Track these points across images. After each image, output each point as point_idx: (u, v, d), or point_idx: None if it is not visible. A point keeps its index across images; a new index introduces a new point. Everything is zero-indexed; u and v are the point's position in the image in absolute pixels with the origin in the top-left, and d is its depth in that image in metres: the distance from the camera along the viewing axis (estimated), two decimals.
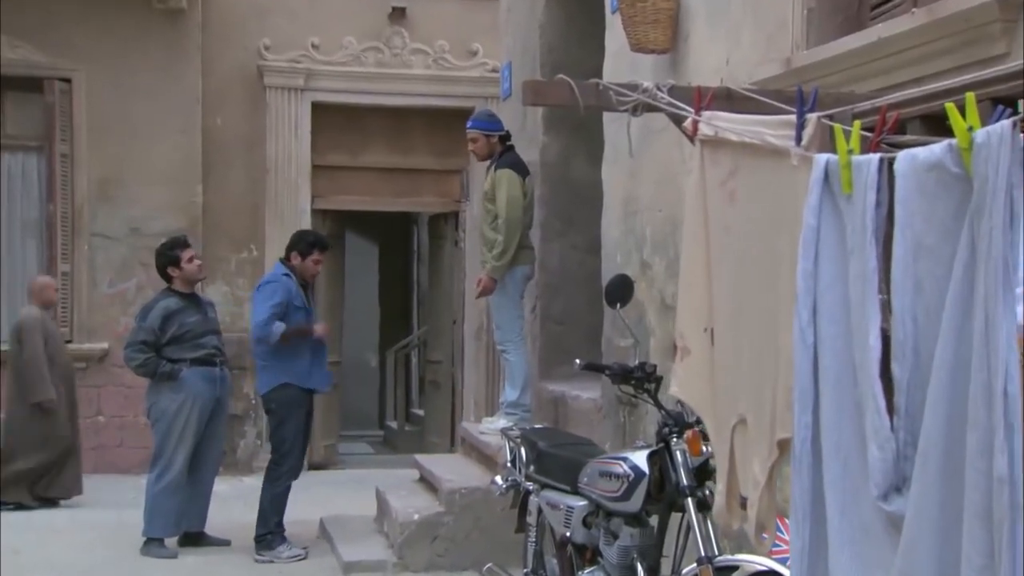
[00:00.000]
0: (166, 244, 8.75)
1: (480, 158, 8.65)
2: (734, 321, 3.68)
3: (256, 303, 8.31)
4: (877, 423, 2.76)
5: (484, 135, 8.45)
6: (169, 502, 8.36)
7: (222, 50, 12.93)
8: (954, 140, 2.56)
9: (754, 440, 3.57)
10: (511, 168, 8.28)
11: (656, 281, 6.70)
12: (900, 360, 2.70)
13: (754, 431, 3.57)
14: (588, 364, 5.47)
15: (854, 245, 2.91)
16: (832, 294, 2.99)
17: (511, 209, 8.17)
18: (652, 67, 6.55)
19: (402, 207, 14.72)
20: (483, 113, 9.02)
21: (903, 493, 2.71)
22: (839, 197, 2.99)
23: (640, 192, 7.00)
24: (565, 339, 8.93)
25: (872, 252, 2.83)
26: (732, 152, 3.66)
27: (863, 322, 2.84)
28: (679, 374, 4.03)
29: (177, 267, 8.46)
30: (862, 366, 2.84)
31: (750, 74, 5.49)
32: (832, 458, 2.96)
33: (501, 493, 6.21)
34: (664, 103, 4.12)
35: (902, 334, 2.69)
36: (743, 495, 3.69)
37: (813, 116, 3.22)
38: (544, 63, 9.10)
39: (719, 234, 3.77)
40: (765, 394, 3.46)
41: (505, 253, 8.17)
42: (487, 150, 8.47)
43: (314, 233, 9.07)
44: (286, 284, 8.28)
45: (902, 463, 2.72)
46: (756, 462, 3.54)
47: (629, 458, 5.00)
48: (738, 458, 3.71)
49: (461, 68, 13.49)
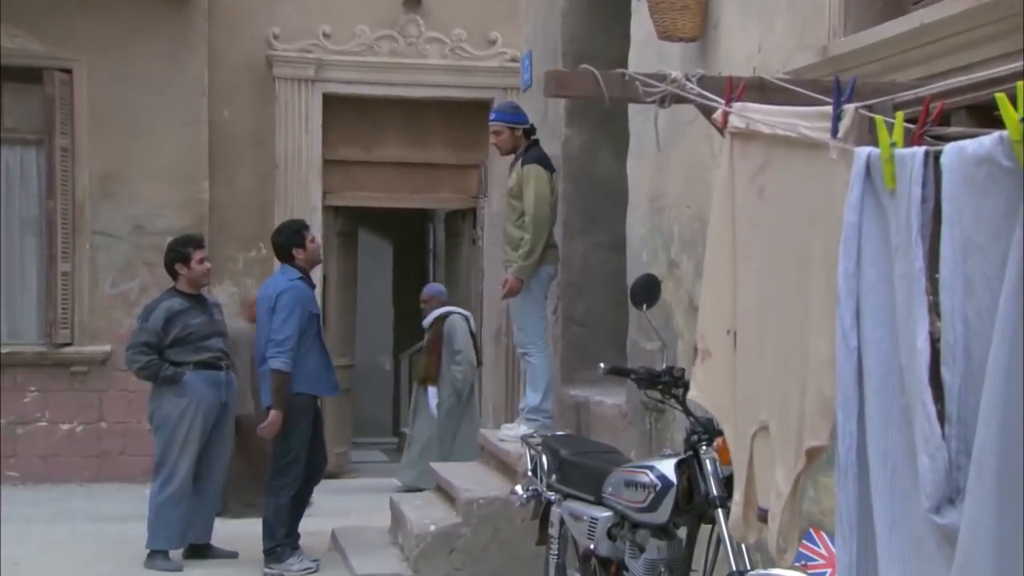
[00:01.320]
0: (179, 239, 8.76)
1: (503, 152, 8.62)
2: (759, 323, 3.66)
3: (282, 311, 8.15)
4: (927, 431, 2.73)
5: (508, 128, 8.42)
6: (173, 513, 8.36)
7: (229, 39, 12.95)
8: (1005, 132, 2.52)
9: (778, 448, 3.55)
10: (539, 163, 8.25)
11: (684, 281, 6.67)
12: (950, 364, 2.67)
13: (778, 439, 3.54)
14: (612, 368, 5.48)
15: (899, 243, 2.88)
16: (876, 296, 2.97)
17: (539, 207, 8.14)
18: (680, 56, 6.53)
19: (417, 204, 14.73)
20: (507, 105, 8.99)
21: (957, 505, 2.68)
22: (881, 193, 2.96)
23: (667, 187, 6.98)
24: (588, 342, 8.91)
25: (918, 251, 2.80)
26: (764, 145, 3.63)
27: (910, 325, 2.81)
28: (699, 378, 4.02)
29: (186, 265, 8.46)
30: (910, 371, 2.81)
31: (784, 63, 5.46)
32: (879, 469, 2.93)
33: (521, 503, 6.22)
34: (693, 94, 4.10)
35: (952, 337, 2.66)
36: (762, 507, 3.67)
37: (851, 107, 3.18)
38: (566, 52, 9.09)
39: (746, 231, 3.74)
40: (791, 400, 3.44)
41: (532, 252, 8.14)
42: (511, 144, 8.45)
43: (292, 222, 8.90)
44: (302, 290, 8.24)
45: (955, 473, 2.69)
46: (780, 471, 3.52)
47: (656, 467, 4.99)
48: (758, 467, 3.70)
49: (479, 58, 13.48)
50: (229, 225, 12.84)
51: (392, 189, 13.86)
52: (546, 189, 8.20)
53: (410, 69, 13.40)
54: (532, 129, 8.54)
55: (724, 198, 3.86)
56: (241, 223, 12.93)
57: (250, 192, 13.02)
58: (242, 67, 13.05)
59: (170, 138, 12.45)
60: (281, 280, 8.34)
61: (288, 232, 8.45)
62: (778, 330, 3.54)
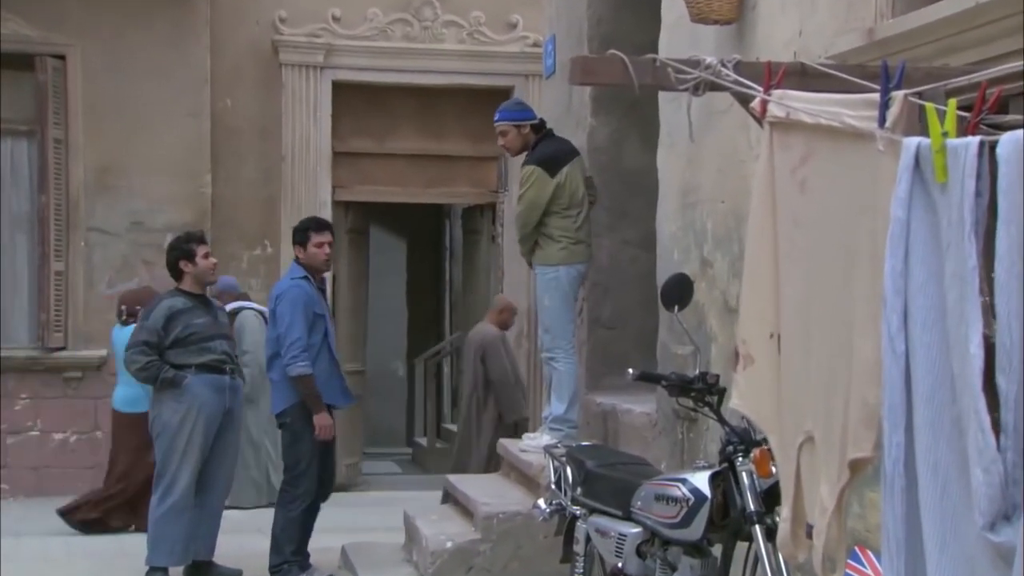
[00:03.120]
0: (181, 237, 8.78)
1: (513, 153, 8.65)
2: (803, 326, 3.66)
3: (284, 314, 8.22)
4: (981, 443, 2.72)
5: (514, 127, 8.44)
6: (173, 527, 8.36)
7: (233, 24, 12.98)
8: None
9: (822, 460, 3.55)
10: (539, 163, 8.25)
11: (718, 281, 6.66)
12: (1006, 371, 2.66)
13: (822, 450, 3.55)
14: (642, 374, 5.48)
15: (950, 241, 2.88)
16: (925, 297, 2.96)
17: (528, 211, 8.22)
18: (715, 40, 6.51)
19: (433, 199, 14.74)
20: (511, 103, 9.00)
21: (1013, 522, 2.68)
22: (932, 186, 2.96)
23: (700, 181, 6.97)
24: (615, 346, 8.90)
25: (971, 248, 2.79)
26: (805, 135, 3.63)
27: (962, 328, 2.81)
28: (741, 385, 4.02)
29: (191, 262, 8.46)
30: (962, 378, 2.81)
31: (827, 47, 5.45)
32: (929, 483, 2.93)
33: (544, 518, 6.22)
34: (729, 81, 4.11)
35: (1008, 341, 2.65)
36: (810, 523, 3.67)
37: (900, 94, 3.18)
38: (592, 37, 9.07)
39: (788, 228, 3.75)
40: (836, 408, 3.45)
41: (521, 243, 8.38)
42: (520, 143, 8.47)
43: (310, 218, 9.01)
44: (303, 289, 8.27)
45: (1011, 488, 2.68)
46: (824, 485, 3.53)
47: (688, 480, 5.00)
48: (805, 480, 3.70)
49: (499, 43, 13.49)
50: (233, 221, 12.86)
51: (406, 183, 13.87)
52: (535, 194, 8.20)
53: (425, 55, 13.41)
54: (541, 123, 8.55)
55: (763, 193, 3.86)
56: (245, 219, 12.95)
57: (255, 186, 13.04)
58: (246, 53, 13.07)
59: (170, 129, 12.47)
60: (284, 281, 8.50)
61: (299, 227, 8.55)
62: (823, 333, 3.54)
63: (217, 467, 8.56)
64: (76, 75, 12.27)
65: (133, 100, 12.35)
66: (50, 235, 12.16)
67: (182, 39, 12.55)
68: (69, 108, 12.25)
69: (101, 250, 12.35)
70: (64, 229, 12.24)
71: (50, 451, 12.26)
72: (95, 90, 12.28)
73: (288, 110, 13.06)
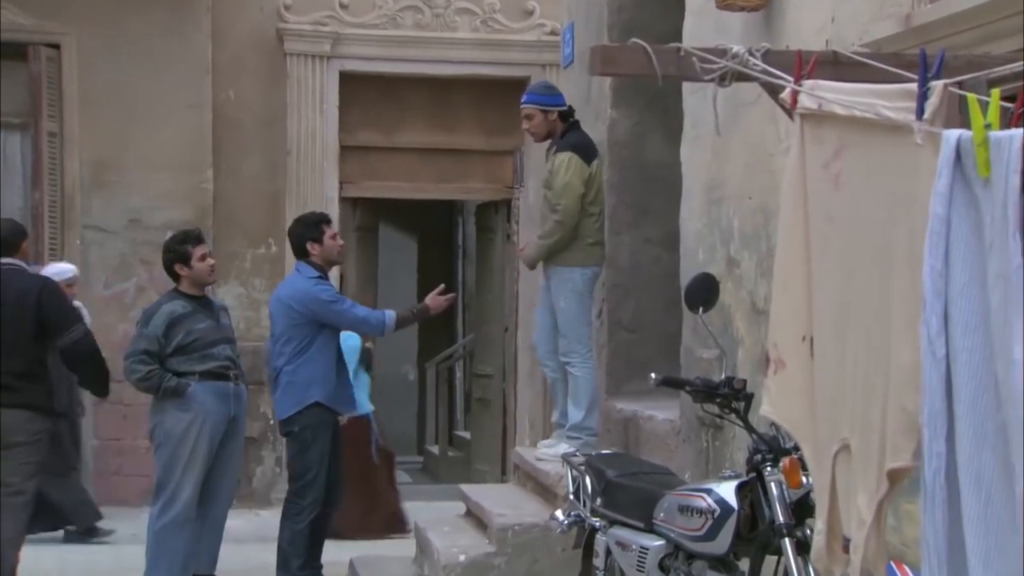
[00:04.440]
0: (176, 237, 8.76)
1: (538, 139, 8.62)
2: (838, 328, 3.66)
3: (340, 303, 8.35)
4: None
5: (541, 111, 8.42)
6: (175, 540, 8.35)
7: (235, 11, 12.98)
8: None
9: (859, 470, 3.55)
10: (574, 150, 8.24)
11: (745, 281, 6.66)
12: None
13: (859, 459, 3.55)
14: (665, 379, 5.50)
15: (993, 239, 2.87)
16: (967, 298, 2.96)
17: (569, 197, 8.17)
18: (742, 28, 6.51)
19: (445, 195, 14.75)
20: (539, 86, 8.99)
21: None
22: (974, 182, 2.95)
23: (726, 176, 6.96)
24: (637, 349, 8.90)
25: (1016, 247, 2.79)
26: (838, 128, 3.64)
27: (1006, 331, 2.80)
28: (771, 391, 4.02)
29: (186, 265, 8.46)
30: (1006, 384, 2.80)
31: (861, 34, 5.44)
32: (972, 494, 2.92)
33: (562, 530, 6.23)
34: (757, 70, 4.11)
35: None
36: (846, 536, 3.67)
37: (939, 84, 3.18)
38: (612, 25, 9.07)
39: (821, 225, 3.75)
40: (873, 415, 3.44)
41: (550, 236, 8.24)
42: (545, 129, 8.46)
43: (311, 214, 9.01)
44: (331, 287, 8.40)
45: None
46: (862, 496, 3.53)
47: (714, 490, 5.02)
48: (840, 491, 3.70)
49: (514, 31, 13.48)
50: (235, 218, 12.86)
51: (416, 178, 13.87)
52: (579, 181, 8.19)
53: (437, 44, 13.40)
54: (570, 111, 8.53)
55: (794, 189, 3.87)
56: (248, 216, 12.96)
57: (258, 182, 13.04)
58: (250, 42, 13.07)
59: (170, 122, 12.48)
60: (298, 280, 8.43)
61: (305, 224, 8.53)
62: (858, 337, 3.54)
63: (220, 477, 8.55)
64: (71, 65, 12.28)
65: (131, 91, 12.35)
66: (44, 233, 12.16)
67: (182, 27, 12.56)
68: (64, 100, 12.26)
69: (98, 249, 12.35)
70: (59, 227, 12.25)
71: None
72: (91, 81, 12.29)
73: (293, 102, 13.06)
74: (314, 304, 8.25)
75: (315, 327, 8.28)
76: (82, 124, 12.29)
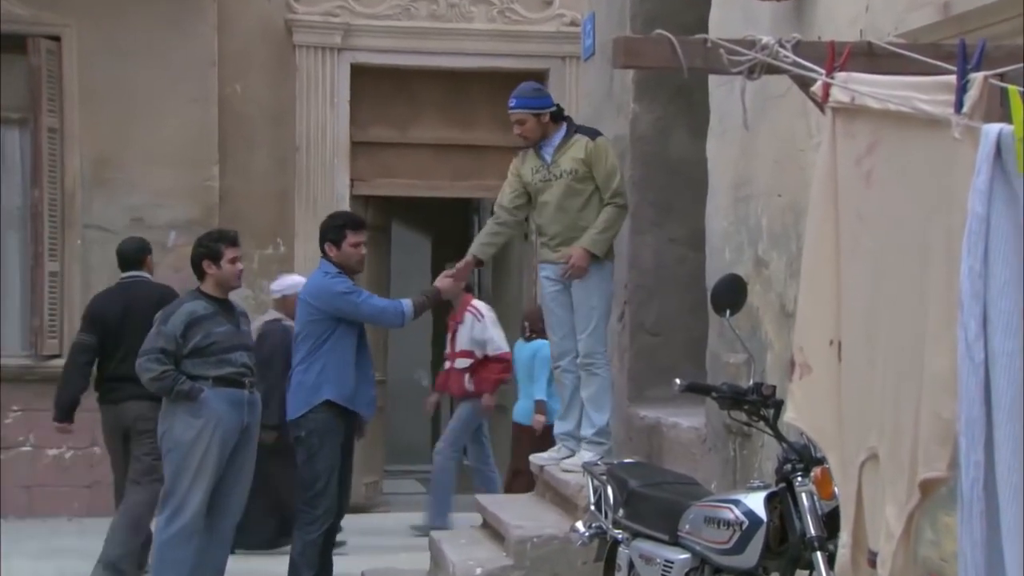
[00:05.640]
0: (211, 234, 8.80)
1: (531, 143, 8.58)
2: (868, 332, 3.66)
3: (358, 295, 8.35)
4: None
5: (533, 115, 8.44)
6: (181, 552, 8.34)
7: (242, 2, 13.04)
8: None
9: (888, 480, 3.55)
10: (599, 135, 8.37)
11: (774, 282, 6.65)
12: None
13: (889, 469, 3.54)
14: (690, 385, 5.49)
15: None
16: (1007, 300, 2.96)
17: (622, 182, 8.34)
18: (771, 18, 6.50)
19: (460, 192, 14.75)
20: (527, 88, 8.97)
21: None
22: (1014, 178, 2.95)
23: (755, 172, 6.96)
24: (661, 354, 8.89)
25: None
26: (872, 122, 3.64)
27: None
28: (797, 396, 4.04)
29: (216, 264, 8.47)
30: None
31: (897, 23, 5.42)
32: (1011, 505, 2.93)
33: (583, 543, 6.24)
34: (788, 62, 4.11)
35: None
36: (872, 549, 3.67)
37: (979, 76, 3.17)
38: (635, 15, 9.06)
39: (851, 224, 3.75)
40: (904, 422, 3.44)
41: (610, 228, 8.26)
42: (539, 132, 8.48)
43: (343, 213, 9.12)
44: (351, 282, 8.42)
45: None
46: (891, 507, 3.52)
47: (742, 501, 5.01)
48: (868, 503, 3.70)
49: (532, 21, 13.49)
50: (242, 217, 12.85)
51: (431, 176, 13.89)
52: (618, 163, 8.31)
53: (452, 35, 13.42)
54: (560, 109, 8.57)
55: (825, 185, 3.87)
56: (256, 215, 12.97)
57: (266, 179, 13.07)
58: (257, 33, 13.10)
59: (174, 117, 12.51)
60: (316, 275, 8.59)
61: (331, 223, 8.57)
62: (890, 340, 3.54)
63: (230, 488, 8.53)
64: (72, 58, 12.32)
65: (134, 85, 12.38)
66: (44, 233, 12.20)
67: (187, 18, 12.58)
68: (64, 94, 12.30)
69: (99, 249, 12.34)
70: (59, 226, 12.28)
71: (43, 468, 12.30)
72: (92, 74, 12.32)
73: (303, 96, 13.09)
74: (330, 296, 8.26)
75: (332, 323, 8.27)
76: (83, 119, 12.32)
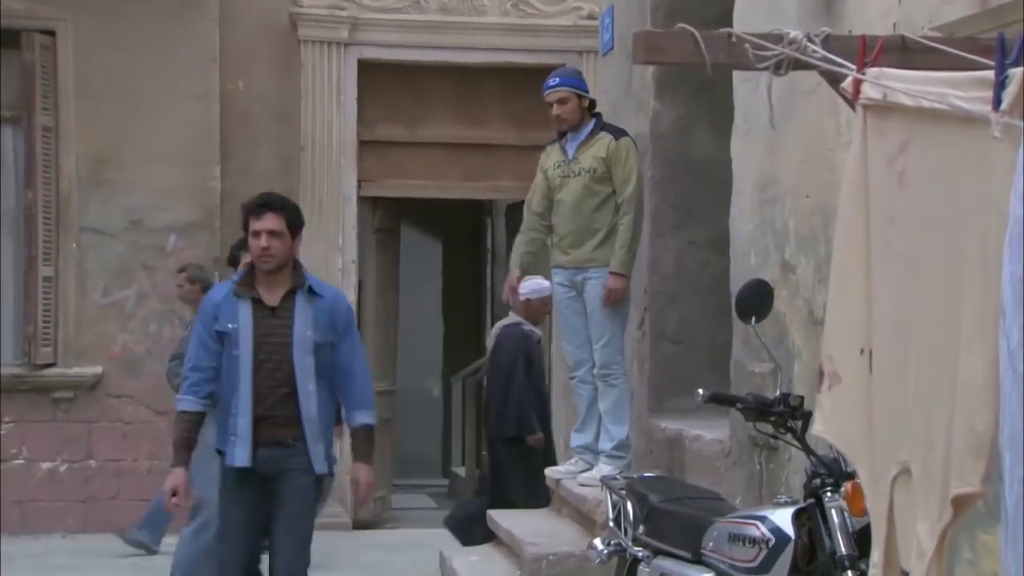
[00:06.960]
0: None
1: (569, 125, 8.55)
2: (900, 340, 3.66)
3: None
4: None
5: (577, 95, 8.45)
6: (206, 566, 8.28)
7: None
8: None
9: (920, 496, 3.54)
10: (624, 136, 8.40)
11: (802, 288, 6.64)
12: None
13: (921, 484, 3.54)
14: (713, 395, 5.49)
15: None
16: None
17: (640, 188, 8.37)
18: (798, 11, 6.49)
19: (472, 193, 14.76)
20: (570, 70, 9.03)
21: None
22: None
23: (781, 173, 6.95)
24: (683, 363, 8.90)
25: None
26: (905, 120, 3.63)
27: None
28: (825, 408, 4.03)
29: None
30: None
31: (931, 16, 5.40)
32: None
33: (601, 561, 6.24)
34: (817, 58, 4.09)
35: None
36: (904, 569, 3.67)
37: (1018, 71, 3.16)
38: (656, 8, 9.07)
39: (883, 227, 3.75)
40: (937, 436, 3.43)
41: (635, 241, 8.35)
42: (579, 116, 8.49)
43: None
44: None
45: None
46: (922, 524, 3.52)
47: (768, 517, 5.02)
48: (899, 519, 3.70)
49: (548, 15, 13.49)
50: None
51: (441, 176, 13.89)
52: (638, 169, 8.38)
53: (464, 29, 13.42)
54: (594, 103, 8.60)
55: (855, 186, 3.86)
56: None
57: (270, 179, 12.98)
58: (261, 28, 13.12)
59: (174, 114, 12.53)
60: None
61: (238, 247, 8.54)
62: (923, 349, 3.53)
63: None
64: (67, 53, 12.34)
65: (132, 81, 12.40)
66: (38, 236, 12.22)
67: (187, 11, 12.60)
68: (59, 91, 12.32)
69: (95, 253, 12.39)
70: (54, 229, 12.29)
71: (37, 482, 12.31)
72: (89, 70, 12.35)
73: (308, 93, 13.10)
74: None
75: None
76: (79, 117, 12.34)
